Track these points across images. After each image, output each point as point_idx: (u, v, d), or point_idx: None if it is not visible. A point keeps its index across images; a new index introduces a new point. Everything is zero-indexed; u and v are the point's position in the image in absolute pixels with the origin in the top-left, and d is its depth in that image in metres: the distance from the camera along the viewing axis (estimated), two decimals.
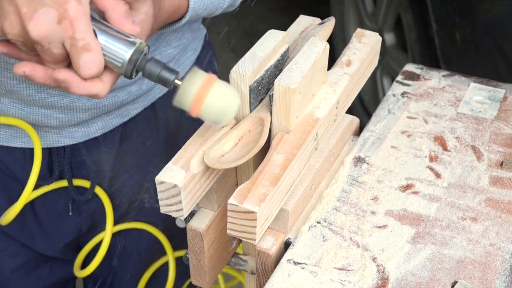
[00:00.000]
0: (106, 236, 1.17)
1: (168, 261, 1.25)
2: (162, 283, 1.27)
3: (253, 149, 0.78)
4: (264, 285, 0.79)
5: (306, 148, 0.81)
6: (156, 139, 1.20)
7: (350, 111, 0.97)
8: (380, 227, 0.86)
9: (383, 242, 0.84)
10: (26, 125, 1.00)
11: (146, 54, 0.77)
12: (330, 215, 0.87)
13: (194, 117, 0.76)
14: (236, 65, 0.80)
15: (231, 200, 0.73)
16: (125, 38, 0.75)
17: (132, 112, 1.15)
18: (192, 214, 0.87)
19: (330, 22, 0.95)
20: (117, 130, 1.15)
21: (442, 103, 1.06)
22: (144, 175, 1.19)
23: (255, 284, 0.90)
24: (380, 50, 0.99)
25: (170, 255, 1.23)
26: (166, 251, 1.24)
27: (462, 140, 0.99)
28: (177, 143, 0.83)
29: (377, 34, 0.97)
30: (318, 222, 0.86)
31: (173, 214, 0.78)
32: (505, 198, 0.90)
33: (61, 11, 0.69)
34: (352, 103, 0.94)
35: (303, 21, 0.98)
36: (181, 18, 0.96)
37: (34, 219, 1.18)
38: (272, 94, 0.79)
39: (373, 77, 2.58)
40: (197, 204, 0.86)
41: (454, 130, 1.01)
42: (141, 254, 1.27)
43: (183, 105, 0.76)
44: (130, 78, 0.77)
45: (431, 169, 0.94)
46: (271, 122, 0.82)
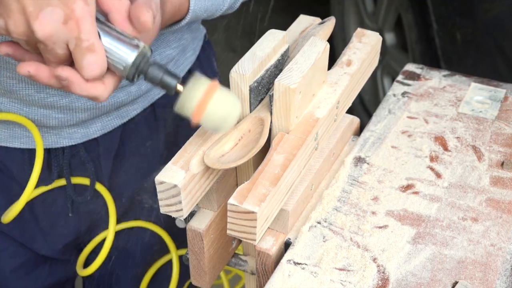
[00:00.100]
0: (110, 234, 1.16)
1: (170, 260, 1.25)
2: (162, 284, 1.27)
3: (253, 149, 0.78)
4: (264, 286, 0.79)
5: (306, 148, 0.81)
6: (156, 140, 1.20)
7: (351, 111, 0.97)
8: (381, 227, 0.85)
9: (384, 243, 0.83)
10: (27, 121, 0.99)
11: (149, 58, 0.76)
12: (331, 215, 0.87)
13: (194, 124, 0.76)
14: (236, 65, 0.79)
15: (231, 200, 0.73)
16: (129, 41, 0.74)
17: (132, 113, 1.14)
18: (192, 214, 0.87)
19: (330, 22, 0.94)
20: (117, 131, 1.15)
21: (443, 103, 1.06)
22: (144, 176, 1.19)
23: (255, 285, 0.90)
24: (381, 50, 0.99)
25: (174, 253, 1.22)
26: (169, 250, 1.24)
27: (463, 140, 0.99)
28: (177, 144, 0.83)
29: (378, 34, 0.96)
30: (319, 222, 0.86)
31: (173, 215, 0.78)
32: (506, 198, 0.89)
33: (68, 11, 0.69)
34: (353, 103, 0.94)
35: (303, 21, 0.98)
36: (181, 20, 0.96)
37: (33, 220, 1.18)
38: (272, 94, 0.79)
39: (374, 77, 2.57)
40: (197, 204, 0.86)
41: (455, 130, 1.01)
42: (141, 255, 1.27)
43: (185, 112, 0.75)
44: (132, 82, 0.77)
45: (432, 169, 0.94)
46: (271, 122, 0.82)
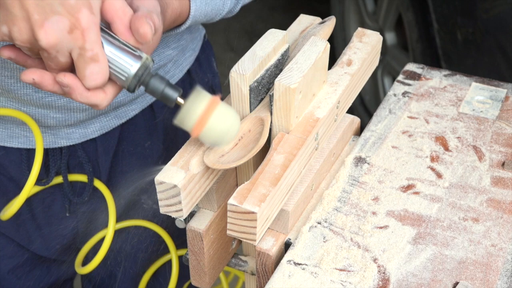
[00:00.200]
0: (109, 230, 1.15)
1: (169, 260, 1.24)
2: (162, 284, 1.27)
3: (253, 149, 0.78)
4: (264, 286, 0.79)
5: (307, 148, 0.81)
6: (155, 140, 1.20)
7: (351, 111, 0.96)
8: (381, 228, 0.85)
9: (384, 243, 0.83)
10: (26, 116, 0.97)
11: (151, 69, 0.76)
12: (331, 216, 0.87)
13: (193, 138, 0.76)
14: (236, 65, 0.79)
15: (231, 201, 0.73)
16: (132, 52, 0.74)
17: (130, 113, 1.14)
18: (192, 215, 0.87)
19: (331, 21, 0.94)
20: (115, 132, 1.14)
21: (444, 103, 1.06)
22: (142, 176, 1.19)
23: (255, 285, 0.89)
24: (381, 50, 0.99)
25: (173, 253, 1.22)
26: (168, 251, 1.23)
27: (464, 140, 0.99)
28: (176, 144, 0.83)
29: (378, 34, 0.96)
30: (319, 223, 0.86)
31: (173, 215, 0.78)
32: (507, 199, 0.89)
33: (73, 21, 0.68)
34: (353, 103, 0.94)
35: (304, 20, 0.98)
36: (181, 24, 0.96)
37: (31, 220, 1.18)
38: (272, 94, 0.79)
39: (374, 77, 2.57)
40: (197, 205, 0.86)
41: (456, 130, 1.01)
42: (140, 255, 1.27)
43: (184, 126, 0.75)
44: (133, 92, 0.76)
45: (432, 169, 0.94)
46: (271, 122, 0.81)
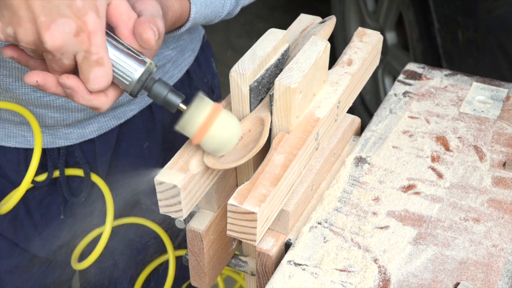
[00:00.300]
0: (107, 227, 1.15)
1: (167, 259, 1.24)
2: (161, 284, 1.27)
3: (253, 149, 0.77)
4: (265, 287, 0.79)
5: (307, 148, 0.80)
6: (154, 141, 1.19)
7: (352, 111, 0.96)
8: (382, 228, 0.85)
9: (385, 243, 0.83)
10: (24, 110, 0.97)
11: (154, 74, 0.75)
12: (331, 216, 0.87)
13: (194, 145, 0.76)
14: (236, 64, 0.79)
15: (231, 201, 0.73)
16: (136, 56, 0.74)
17: (129, 114, 1.14)
18: (192, 215, 0.86)
19: (331, 21, 0.94)
20: (113, 132, 1.14)
21: (444, 103, 1.06)
22: (141, 177, 1.18)
23: (255, 286, 0.89)
24: (382, 49, 0.99)
25: (170, 252, 1.22)
26: (165, 251, 1.23)
27: (465, 140, 0.99)
28: (175, 145, 0.83)
29: (379, 33, 0.96)
30: (319, 223, 0.86)
31: (172, 215, 0.78)
32: (508, 199, 0.89)
33: (80, 24, 0.68)
34: (354, 103, 0.94)
35: (304, 20, 0.98)
36: (181, 26, 0.96)
37: (28, 221, 1.18)
38: (273, 94, 0.79)
39: (375, 77, 2.57)
40: (197, 205, 0.86)
41: (456, 130, 1.00)
42: (138, 255, 1.26)
43: (186, 132, 0.75)
44: (135, 97, 0.76)
45: (433, 170, 0.94)
46: (272, 122, 0.81)
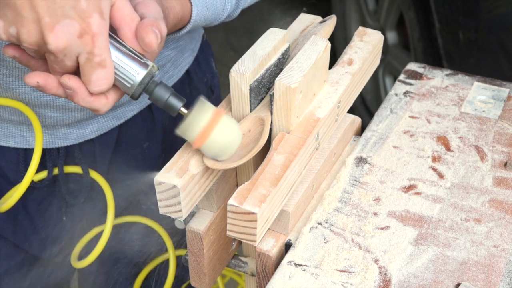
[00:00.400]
0: (107, 225, 1.15)
1: (168, 259, 1.24)
2: (160, 284, 1.26)
3: (253, 149, 0.77)
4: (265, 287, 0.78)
5: (307, 148, 0.80)
6: (154, 141, 1.19)
7: (352, 111, 0.96)
8: (382, 228, 0.85)
9: (385, 244, 0.83)
10: (23, 106, 0.96)
11: (155, 78, 0.75)
12: (332, 216, 0.87)
13: (194, 149, 0.76)
14: (236, 64, 0.79)
15: (231, 201, 0.72)
16: (138, 59, 0.73)
17: (128, 114, 1.14)
18: (192, 215, 0.86)
19: (332, 21, 0.94)
20: (113, 132, 1.14)
21: (445, 103, 1.05)
22: (141, 177, 1.18)
23: (255, 286, 0.89)
24: (382, 49, 0.98)
25: (171, 251, 1.22)
26: (164, 251, 1.23)
27: (466, 140, 0.98)
28: (175, 145, 0.83)
29: (379, 33, 0.96)
30: (319, 223, 0.86)
31: (172, 215, 0.77)
32: (509, 199, 0.89)
33: (84, 25, 0.68)
34: (354, 103, 0.94)
35: (304, 19, 0.97)
36: (181, 28, 0.95)
37: (28, 221, 1.17)
38: (273, 94, 0.78)
39: (375, 76, 2.57)
40: (197, 205, 0.86)
41: (457, 130, 1.00)
42: (137, 255, 1.26)
43: (187, 137, 0.75)
44: (136, 100, 0.76)
45: (434, 170, 0.93)
46: (272, 122, 0.81)
